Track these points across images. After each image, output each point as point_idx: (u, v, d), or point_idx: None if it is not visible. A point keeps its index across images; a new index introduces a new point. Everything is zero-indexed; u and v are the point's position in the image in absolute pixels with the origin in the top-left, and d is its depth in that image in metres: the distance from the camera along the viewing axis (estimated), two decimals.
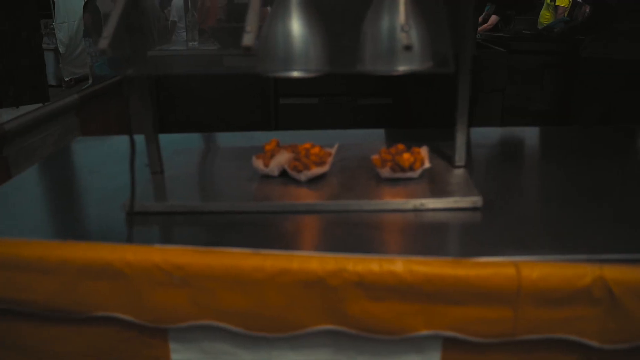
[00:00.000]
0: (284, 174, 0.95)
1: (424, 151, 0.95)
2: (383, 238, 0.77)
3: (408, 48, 0.69)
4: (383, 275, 0.66)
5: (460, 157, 0.95)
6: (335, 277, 0.66)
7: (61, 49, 5.94)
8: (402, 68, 0.81)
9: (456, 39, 0.85)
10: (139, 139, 0.90)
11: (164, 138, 1.28)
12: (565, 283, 0.65)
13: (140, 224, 0.83)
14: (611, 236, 0.74)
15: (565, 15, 4.09)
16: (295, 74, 0.84)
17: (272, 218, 0.84)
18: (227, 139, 1.28)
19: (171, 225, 0.84)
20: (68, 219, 0.90)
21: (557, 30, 2.17)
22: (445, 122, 1.67)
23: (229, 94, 2.22)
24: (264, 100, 2.23)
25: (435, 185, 0.89)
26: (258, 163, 0.95)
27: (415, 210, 0.84)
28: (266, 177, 0.95)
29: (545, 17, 4.25)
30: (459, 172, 0.94)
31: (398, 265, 0.66)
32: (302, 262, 0.66)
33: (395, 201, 0.84)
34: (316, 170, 0.91)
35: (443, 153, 1.03)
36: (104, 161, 1.17)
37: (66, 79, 5.95)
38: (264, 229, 0.81)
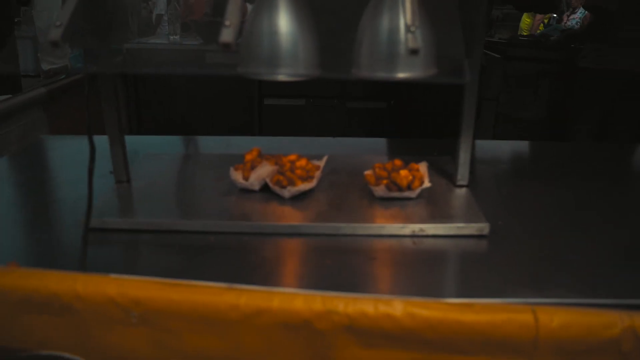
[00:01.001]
0: (265, 188, 0.85)
1: (423, 168, 0.85)
2: (377, 270, 0.67)
3: (414, 52, 0.60)
4: (378, 319, 0.57)
5: (462, 175, 0.86)
6: (323, 319, 0.56)
7: (40, 38, 5.74)
8: (403, 75, 0.71)
9: (465, 43, 0.75)
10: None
11: (135, 140, 1.17)
12: (590, 333, 0.57)
13: (98, 244, 0.72)
14: (638, 274, 0.65)
15: (546, 21, 4.03)
16: (281, 77, 0.74)
17: (251, 241, 0.73)
18: (204, 143, 1.18)
19: (134, 247, 0.73)
20: (12, 237, 0.78)
21: (554, 38, 2.10)
22: (444, 131, 1.59)
23: (211, 92, 2.11)
24: (248, 101, 2.12)
25: (435, 207, 0.79)
26: (236, 175, 0.85)
27: (414, 236, 0.74)
28: (245, 191, 0.85)
29: (525, 22, 4.17)
30: (462, 193, 0.84)
31: (396, 308, 0.56)
32: (285, 301, 0.57)
33: (392, 225, 0.74)
34: (302, 187, 0.81)
35: (442, 169, 0.94)
36: (66, 165, 1.05)
37: (45, 70, 5.75)
38: (241, 255, 0.70)
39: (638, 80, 1.79)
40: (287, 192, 0.81)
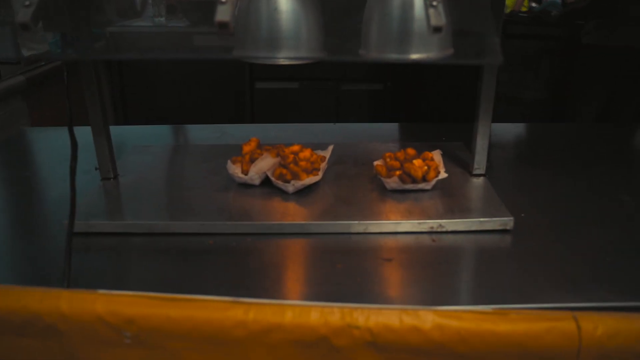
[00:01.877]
0: (265, 181, 0.78)
1: (437, 156, 0.79)
2: (395, 273, 0.61)
3: (438, 30, 0.52)
4: (404, 333, 0.51)
5: (479, 163, 0.79)
6: (341, 335, 0.50)
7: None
8: (417, 56, 0.64)
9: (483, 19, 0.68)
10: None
11: (120, 131, 1.09)
12: (638, 342, 0.51)
13: (83, 250, 0.65)
14: None
15: None
16: (282, 61, 0.66)
17: (253, 243, 0.67)
18: (196, 133, 1.10)
19: (124, 253, 0.66)
20: None
21: (555, 13, 2.03)
22: (447, 114, 1.52)
23: (199, 77, 2.01)
24: (238, 85, 2.03)
25: (453, 200, 0.73)
26: (234, 169, 0.78)
27: (432, 232, 0.68)
28: (244, 186, 0.78)
29: None
30: (479, 183, 0.78)
31: (424, 319, 0.50)
32: (298, 315, 0.51)
33: (408, 222, 0.68)
34: (307, 180, 0.74)
35: (455, 156, 0.87)
36: (49, 160, 0.97)
37: (25, 56, 5.57)
38: (243, 259, 0.64)
39: None
40: (291, 187, 0.74)
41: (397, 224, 0.68)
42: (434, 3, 0.53)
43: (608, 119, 1.86)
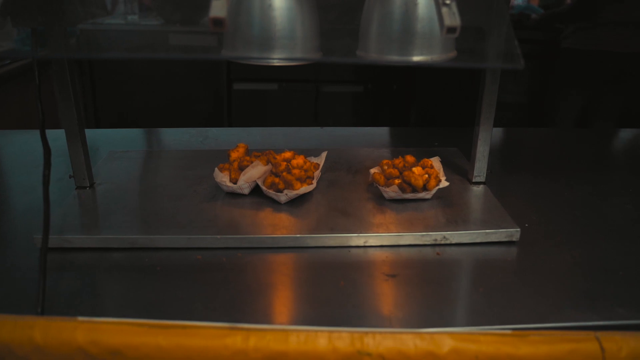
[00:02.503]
0: (255, 190, 0.73)
1: (436, 163, 0.75)
2: (401, 291, 0.57)
3: (452, 30, 0.49)
4: (419, 359, 0.47)
5: (480, 170, 0.76)
6: None
7: None
8: (419, 58, 0.60)
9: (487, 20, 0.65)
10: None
11: (94, 135, 1.02)
12: None
13: (59, 269, 0.59)
14: None
15: None
16: (276, 62, 0.62)
17: (245, 258, 0.62)
18: (176, 137, 1.04)
19: (103, 271, 0.60)
20: None
21: (534, 17, 2.03)
22: (434, 118, 1.49)
23: (173, 76, 1.93)
24: (215, 85, 1.96)
25: (454, 210, 0.69)
26: (222, 177, 0.72)
27: (435, 244, 0.64)
28: (232, 195, 0.72)
29: None
30: (480, 191, 0.75)
31: (439, 343, 0.47)
32: (304, 342, 0.46)
33: (411, 234, 0.64)
34: (302, 190, 0.69)
35: (451, 163, 0.84)
36: (16, 166, 0.90)
37: None
38: (235, 275, 0.59)
39: (623, 62, 1.74)
40: (284, 197, 0.69)
41: (399, 237, 0.64)
42: (447, 2, 0.49)
43: (586, 123, 1.87)
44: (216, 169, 0.73)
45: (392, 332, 0.46)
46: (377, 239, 0.64)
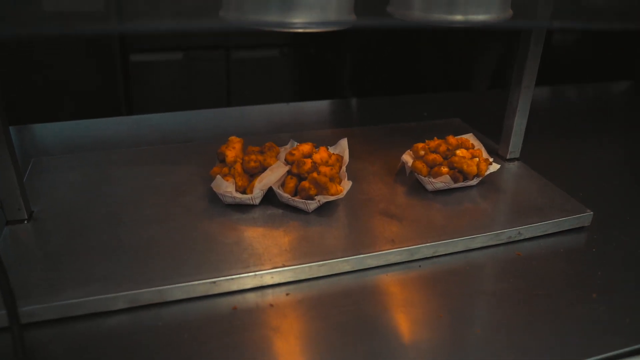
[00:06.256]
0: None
1: (475, 142, 0.64)
2: (509, 310, 0.45)
3: None
4: None
5: (516, 146, 0.66)
6: None
7: None
8: (475, 17, 0.48)
9: None
10: None
11: None
12: None
13: None
14: None
15: None
16: (299, 28, 0.46)
17: (295, 296, 0.46)
18: (107, 127, 0.79)
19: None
20: None
21: None
22: (379, 84, 1.36)
23: (45, 49, 1.55)
24: (104, 58, 1.64)
25: (508, 197, 0.59)
26: (227, 186, 0.54)
27: (509, 242, 0.54)
28: (234, 208, 0.55)
29: None
30: (521, 170, 0.65)
31: None
32: None
33: (483, 234, 0.52)
34: (340, 193, 0.54)
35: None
36: None
37: None
38: (293, 326, 0.43)
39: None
40: (314, 204, 0.53)
41: (471, 240, 0.52)
42: None
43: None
44: (218, 176, 0.54)
45: None
46: (446, 246, 0.51)
